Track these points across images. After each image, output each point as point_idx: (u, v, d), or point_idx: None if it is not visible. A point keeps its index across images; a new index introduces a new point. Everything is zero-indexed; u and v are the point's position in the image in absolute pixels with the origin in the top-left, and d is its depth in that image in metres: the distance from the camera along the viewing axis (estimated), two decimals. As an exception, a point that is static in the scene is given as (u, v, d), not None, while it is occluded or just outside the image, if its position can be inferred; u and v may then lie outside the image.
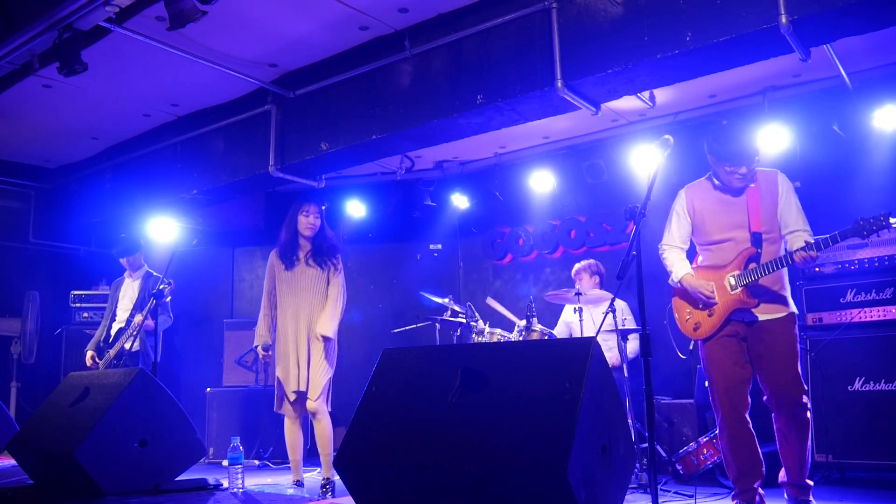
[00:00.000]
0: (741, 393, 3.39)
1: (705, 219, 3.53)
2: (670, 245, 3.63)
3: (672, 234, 3.64)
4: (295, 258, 4.54)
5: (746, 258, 3.39)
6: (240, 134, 5.92)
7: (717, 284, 3.44)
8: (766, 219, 3.40)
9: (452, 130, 5.02)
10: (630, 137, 6.07)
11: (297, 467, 4.56)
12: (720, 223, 3.48)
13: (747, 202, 3.42)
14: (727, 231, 3.45)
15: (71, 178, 7.36)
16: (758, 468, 3.38)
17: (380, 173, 7.15)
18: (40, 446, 4.27)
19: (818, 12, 3.44)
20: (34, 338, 6.95)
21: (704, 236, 3.55)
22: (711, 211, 3.51)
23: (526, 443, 2.49)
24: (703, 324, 3.47)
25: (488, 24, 4.54)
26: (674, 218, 3.64)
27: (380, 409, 3.01)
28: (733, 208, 3.45)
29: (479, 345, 4.67)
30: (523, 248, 7.07)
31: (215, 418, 6.62)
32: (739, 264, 3.39)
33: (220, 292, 7.84)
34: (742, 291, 3.36)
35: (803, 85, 5.32)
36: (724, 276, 3.43)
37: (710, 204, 3.52)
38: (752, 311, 3.37)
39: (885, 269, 4.31)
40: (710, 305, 3.44)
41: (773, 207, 3.41)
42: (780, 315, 3.38)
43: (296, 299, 4.47)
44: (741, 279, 3.36)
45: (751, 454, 3.37)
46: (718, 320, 3.42)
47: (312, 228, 4.56)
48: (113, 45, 4.74)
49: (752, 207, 3.40)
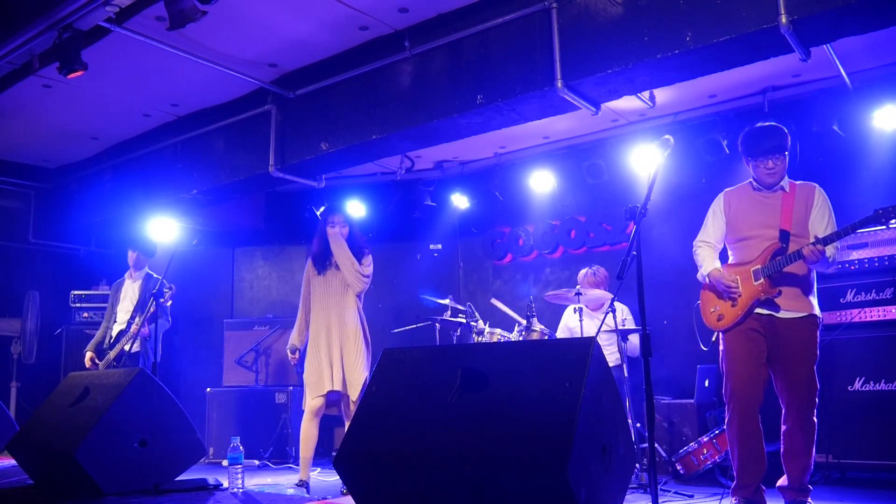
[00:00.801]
0: (757, 387, 3.42)
1: (738, 216, 3.62)
2: (704, 242, 3.72)
3: (707, 232, 3.73)
4: (327, 263, 4.71)
5: (772, 252, 3.46)
6: (240, 134, 5.92)
7: (742, 277, 3.51)
8: (797, 222, 3.47)
9: (452, 130, 5.02)
10: (630, 137, 6.06)
11: (305, 464, 4.55)
12: (751, 220, 3.56)
13: (781, 204, 3.51)
14: (757, 228, 3.53)
15: (71, 178, 7.36)
16: (761, 464, 3.41)
17: (380, 173, 7.15)
18: (40, 446, 4.26)
19: (818, 12, 3.44)
20: (34, 338, 6.94)
21: (735, 233, 3.63)
22: (746, 209, 3.60)
23: (526, 443, 2.49)
24: (726, 314, 3.53)
25: (488, 24, 4.54)
26: (710, 216, 3.74)
27: (380, 409, 3.01)
28: (766, 208, 3.54)
29: (479, 345, 4.67)
30: (523, 248, 7.07)
31: (215, 418, 6.62)
32: (764, 258, 3.47)
33: (220, 292, 7.84)
34: (765, 281, 3.42)
35: (803, 85, 5.32)
36: (749, 269, 3.50)
37: (745, 202, 3.62)
38: (775, 302, 3.41)
39: (885, 269, 4.31)
40: (733, 297, 3.49)
41: (805, 214, 3.48)
42: (802, 314, 3.41)
43: (327, 303, 4.64)
44: (765, 270, 3.43)
45: (757, 449, 3.40)
46: (741, 310, 3.47)
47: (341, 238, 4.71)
48: (113, 45, 4.74)
49: (784, 208, 3.49)
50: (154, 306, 5.16)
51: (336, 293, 4.65)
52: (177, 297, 5.60)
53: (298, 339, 4.73)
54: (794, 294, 3.42)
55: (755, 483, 3.39)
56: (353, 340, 4.56)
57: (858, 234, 4.41)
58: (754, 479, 3.39)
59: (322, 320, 4.61)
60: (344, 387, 4.51)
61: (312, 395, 4.51)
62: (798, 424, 3.36)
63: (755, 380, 3.41)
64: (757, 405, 3.41)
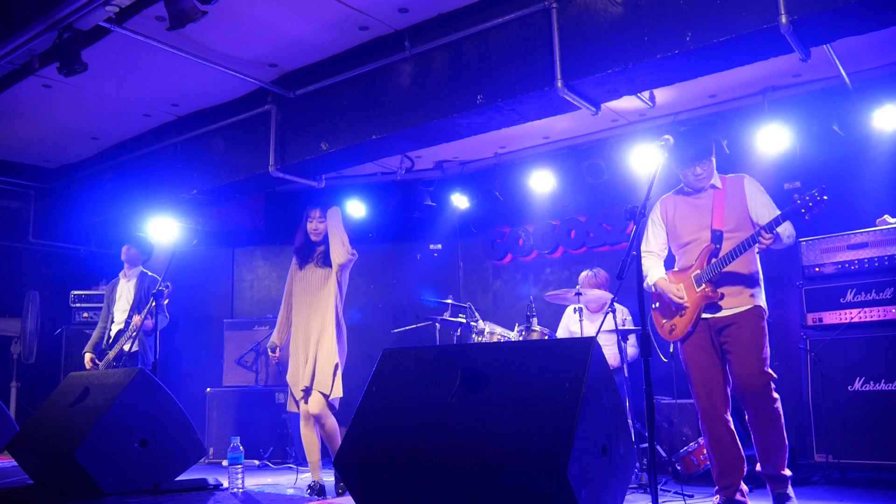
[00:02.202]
0: (720, 391, 3.46)
1: (676, 223, 3.67)
2: (647, 252, 3.74)
3: (649, 242, 3.76)
4: (309, 259, 4.61)
5: (707, 255, 3.50)
6: (240, 134, 5.92)
7: (686, 285, 3.55)
8: (731, 218, 3.50)
9: (452, 130, 5.02)
10: (630, 137, 6.06)
11: (314, 468, 4.45)
12: (688, 226, 3.62)
13: (712, 204, 3.55)
14: (694, 232, 3.59)
15: (71, 178, 7.36)
16: (738, 465, 3.44)
17: (380, 173, 7.14)
18: (40, 446, 4.27)
19: (818, 12, 3.44)
20: (34, 338, 6.94)
21: (676, 240, 3.69)
22: (681, 215, 3.66)
23: (526, 443, 2.49)
24: (677, 325, 3.58)
25: (488, 24, 4.54)
26: (650, 226, 3.78)
27: (380, 409, 3.01)
28: (699, 211, 3.59)
29: (479, 345, 4.67)
30: (523, 248, 7.07)
31: (215, 418, 6.62)
32: (702, 262, 3.51)
33: (220, 292, 7.84)
34: (707, 287, 3.46)
35: (803, 85, 5.32)
36: (690, 275, 3.54)
37: (680, 209, 3.67)
38: (719, 304, 3.45)
39: (885, 269, 4.31)
40: (681, 307, 3.54)
41: (741, 207, 3.51)
42: (745, 308, 3.44)
43: (306, 299, 4.53)
44: (703, 275, 3.48)
45: (731, 452, 3.43)
46: (689, 320, 3.51)
47: (316, 233, 4.59)
48: (113, 45, 4.74)
49: (715, 208, 3.54)
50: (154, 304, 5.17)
51: (314, 289, 4.53)
52: (177, 297, 5.60)
53: (278, 337, 4.62)
54: (736, 291, 3.45)
55: (736, 483, 3.43)
56: (326, 336, 4.40)
57: (858, 235, 4.41)
58: (734, 480, 3.43)
59: (301, 318, 4.51)
60: (312, 381, 4.35)
61: (296, 394, 4.41)
62: (757, 414, 3.39)
63: (717, 385, 3.46)
64: (724, 410, 3.45)
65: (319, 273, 4.55)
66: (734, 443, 3.44)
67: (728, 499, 3.40)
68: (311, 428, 4.44)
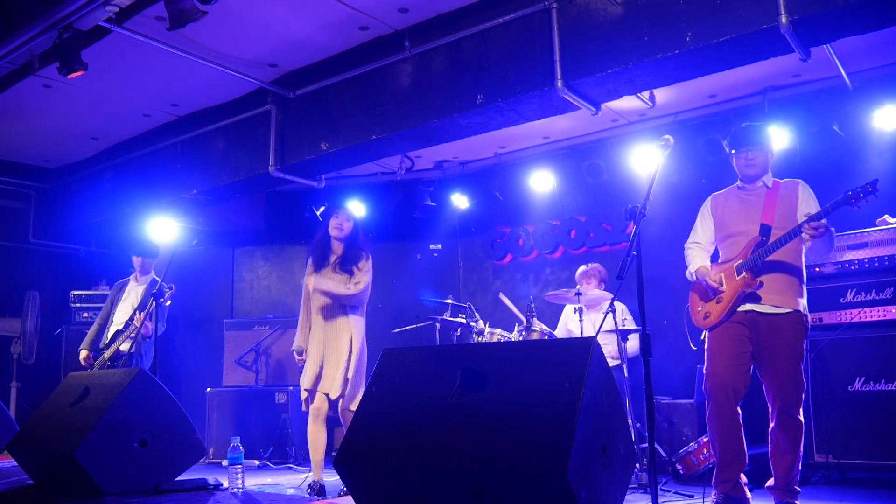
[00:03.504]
0: (736, 382, 3.44)
1: (725, 215, 3.69)
2: (694, 243, 3.80)
3: (696, 234, 3.81)
4: (324, 263, 4.58)
5: (753, 246, 3.50)
6: (240, 134, 5.92)
7: (727, 274, 3.55)
8: (780, 216, 3.50)
9: (452, 130, 5.02)
10: (630, 137, 6.07)
11: (317, 467, 4.44)
12: (736, 218, 3.63)
13: (764, 200, 3.57)
14: (741, 225, 3.59)
15: (71, 178, 7.36)
16: (741, 459, 3.43)
17: (380, 173, 7.15)
18: (40, 446, 4.27)
19: (818, 12, 3.44)
20: (34, 338, 6.94)
21: (722, 231, 3.69)
22: (731, 208, 3.68)
23: (526, 443, 2.49)
24: (712, 312, 3.57)
25: (488, 24, 4.54)
26: (699, 219, 3.82)
27: (380, 409, 3.01)
28: (750, 205, 3.60)
29: (479, 345, 4.66)
30: (523, 248, 7.07)
31: (215, 418, 6.62)
32: (745, 252, 3.51)
33: (220, 292, 7.83)
34: (747, 274, 3.45)
35: (803, 85, 5.33)
36: (733, 265, 3.54)
37: (731, 202, 3.70)
38: (758, 294, 3.43)
39: (885, 269, 4.30)
40: (718, 293, 3.54)
41: (791, 208, 3.51)
42: (786, 310, 3.42)
43: (322, 302, 4.51)
44: (745, 264, 3.47)
45: (737, 444, 3.43)
46: (726, 306, 3.50)
47: (341, 231, 4.58)
48: (113, 45, 4.74)
49: (767, 204, 3.54)
50: (154, 306, 5.16)
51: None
52: (177, 297, 5.58)
53: (301, 339, 4.59)
54: (778, 287, 3.43)
55: (735, 478, 3.42)
56: (342, 341, 4.41)
57: (858, 235, 4.41)
58: (734, 474, 3.42)
59: (318, 321, 4.51)
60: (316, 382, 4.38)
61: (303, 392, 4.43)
62: (782, 424, 3.39)
63: (735, 375, 3.43)
64: (736, 401, 3.43)
65: (339, 278, 4.52)
66: (741, 436, 3.43)
67: (726, 494, 3.40)
68: (318, 425, 4.44)
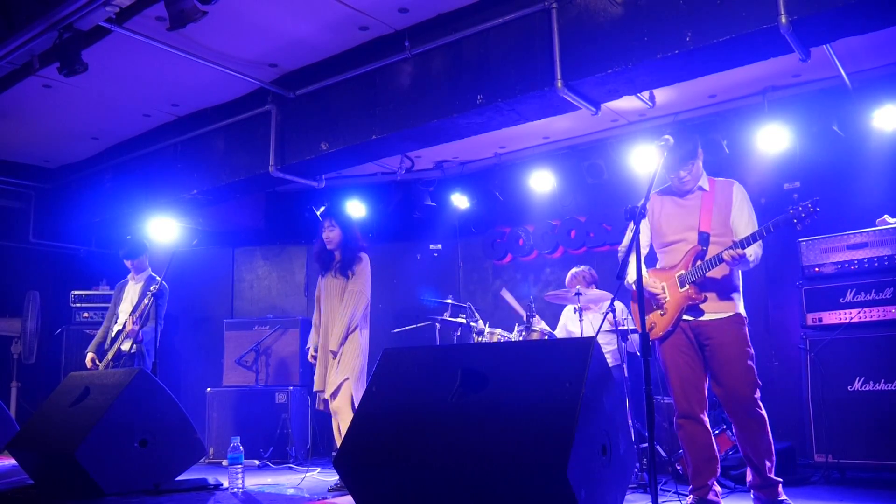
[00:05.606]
0: (698, 391, 3.46)
1: (661, 222, 3.65)
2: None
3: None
4: (328, 267, 4.83)
5: (693, 256, 3.48)
6: (240, 134, 5.92)
7: (668, 283, 3.53)
8: (717, 222, 3.49)
9: (452, 130, 5.02)
10: (630, 137, 6.06)
11: None
12: (674, 226, 3.60)
13: (700, 206, 3.54)
14: (679, 233, 3.57)
15: (71, 178, 7.36)
16: (712, 465, 3.45)
17: (380, 173, 7.14)
18: (40, 446, 4.27)
19: (818, 12, 3.44)
20: (34, 338, 6.95)
21: (660, 238, 3.66)
22: (668, 215, 3.63)
23: (526, 442, 2.49)
24: (657, 323, 3.56)
25: (488, 24, 4.54)
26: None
27: (380, 409, 3.02)
28: (686, 212, 3.57)
29: (479, 345, 4.67)
30: (523, 248, 7.07)
31: (215, 418, 6.62)
32: (687, 263, 3.49)
33: (220, 292, 7.83)
34: (691, 288, 3.45)
35: (803, 85, 5.33)
36: (674, 275, 3.53)
37: (667, 208, 3.65)
38: (700, 307, 3.45)
39: (885, 269, 4.31)
40: (661, 304, 3.53)
41: (726, 213, 3.51)
42: (726, 315, 3.44)
43: (328, 304, 4.74)
44: (688, 276, 3.46)
45: (706, 452, 3.45)
46: (670, 319, 3.50)
47: (329, 242, 4.80)
48: (113, 45, 4.74)
49: (703, 210, 3.52)
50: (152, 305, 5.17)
51: (334, 296, 4.72)
52: (177, 297, 5.60)
53: (315, 338, 4.82)
54: (718, 295, 3.45)
55: (707, 485, 3.45)
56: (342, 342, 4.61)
57: (858, 235, 4.41)
58: (707, 479, 3.45)
59: (326, 321, 4.72)
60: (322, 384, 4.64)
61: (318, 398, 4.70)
62: (745, 424, 3.40)
63: (694, 386, 3.46)
64: (700, 410, 3.45)
65: (336, 283, 4.75)
66: (710, 443, 3.46)
67: (701, 499, 3.43)
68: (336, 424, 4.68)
